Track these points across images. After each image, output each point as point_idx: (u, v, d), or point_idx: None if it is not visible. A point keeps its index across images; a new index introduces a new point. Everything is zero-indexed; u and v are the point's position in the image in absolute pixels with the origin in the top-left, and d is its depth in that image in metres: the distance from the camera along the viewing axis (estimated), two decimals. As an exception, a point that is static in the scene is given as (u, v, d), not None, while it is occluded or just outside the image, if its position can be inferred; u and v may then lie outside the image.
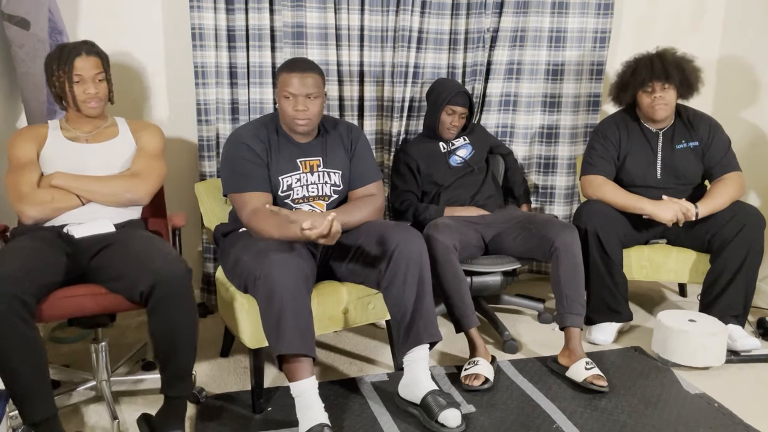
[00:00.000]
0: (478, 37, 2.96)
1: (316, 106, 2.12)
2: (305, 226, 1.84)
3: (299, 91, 2.08)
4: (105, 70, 2.14)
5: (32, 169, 2.07)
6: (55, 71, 2.08)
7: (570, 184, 3.17)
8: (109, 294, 1.89)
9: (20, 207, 2.00)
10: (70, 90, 2.08)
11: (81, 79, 2.08)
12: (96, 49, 2.13)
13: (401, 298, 2.05)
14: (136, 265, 1.84)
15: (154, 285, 1.78)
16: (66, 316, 1.89)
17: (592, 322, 2.62)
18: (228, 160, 2.17)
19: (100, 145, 2.17)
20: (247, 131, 2.19)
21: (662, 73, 2.50)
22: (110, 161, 2.16)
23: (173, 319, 1.82)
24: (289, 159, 2.18)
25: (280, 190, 2.17)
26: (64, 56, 2.07)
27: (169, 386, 1.89)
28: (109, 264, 1.91)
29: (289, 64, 2.13)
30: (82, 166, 2.11)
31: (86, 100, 2.10)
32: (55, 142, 2.13)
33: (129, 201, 2.13)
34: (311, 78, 2.09)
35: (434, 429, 1.97)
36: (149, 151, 2.23)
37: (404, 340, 2.07)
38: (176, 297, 1.81)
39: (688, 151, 2.63)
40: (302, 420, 1.87)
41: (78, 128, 2.17)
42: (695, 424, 2.05)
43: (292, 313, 1.85)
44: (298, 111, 2.10)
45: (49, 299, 1.81)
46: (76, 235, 2.00)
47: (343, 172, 2.26)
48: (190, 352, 1.89)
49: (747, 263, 2.44)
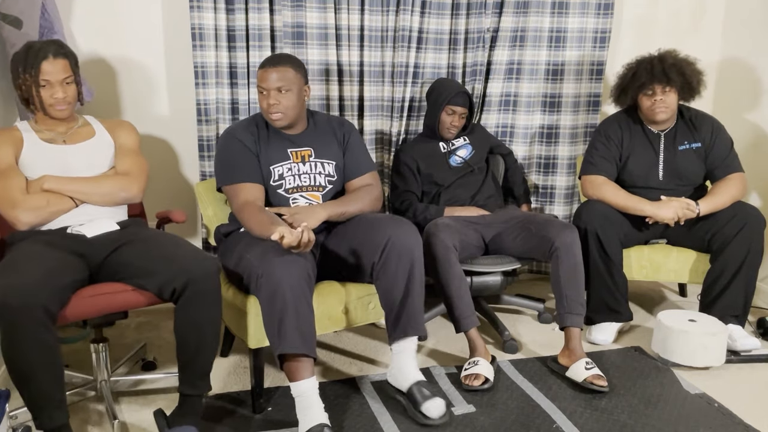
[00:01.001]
0: (478, 37, 2.96)
1: (287, 99, 2.16)
2: (274, 237, 1.86)
3: (268, 85, 2.14)
4: (74, 72, 2.07)
5: (17, 174, 2.01)
6: (21, 74, 2.00)
7: (570, 184, 3.17)
8: (135, 291, 1.90)
9: (14, 213, 1.95)
10: (37, 94, 2.01)
11: (48, 83, 2.00)
12: (64, 50, 2.04)
13: (390, 290, 2.09)
14: (167, 262, 1.86)
15: (188, 282, 1.81)
16: (93, 314, 1.89)
17: (592, 322, 2.62)
18: (220, 155, 2.23)
19: (80, 146, 2.13)
20: (238, 126, 2.26)
21: (662, 77, 2.49)
22: (94, 161, 2.13)
23: (202, 316, 1.85)
24: (279, 149, 2.22)
25: (271, 179, 2.20)
26: (30, 59, 1.98)
27: (189, 384, 1.91)
28: (131, 262, 1.92)
29: (264, 61, 2.20)
30: (66, 168, 2.07)
31: (54, 104, 2.04)
32: (33, 145, 2.07)
33: (124, 199, 2.13)
34: (279, 72, 2.14)
35: (417, 419, 2.02)
36: (130, 148, 2.22)
37: (392, 329, 2.12)
38: (207, 295, 1.84)
39: (690, 153, 2.63)
40: (302, 420, 1.88)
41: (51, 129, 2.11)
42: (695, 424, 2.05)
43: (294, 313, 1.85)
44: (270, 105, 2.15)
45: (74, 299, 1.81)
46: (88, 235, 1.99)
47: (336, 163, 2.29)
48: (212, 351, 1.92)
49: (747, 263, 2.44)
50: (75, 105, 2.13)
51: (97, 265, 1.96)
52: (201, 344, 1.88)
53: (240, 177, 2.16)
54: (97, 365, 2.11)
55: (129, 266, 1.92)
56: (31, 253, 1.84)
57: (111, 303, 1.89)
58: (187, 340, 1.88)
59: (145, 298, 1.91)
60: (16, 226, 1.98)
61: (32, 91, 2.01)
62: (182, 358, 1.90)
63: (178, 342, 1.89)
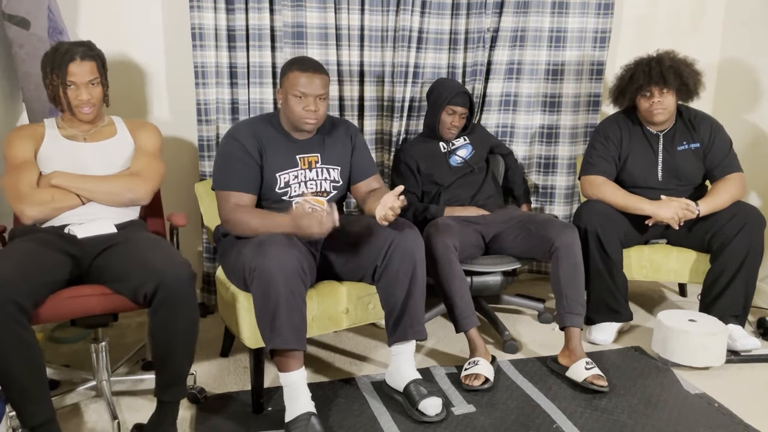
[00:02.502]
0: (478, 37, 2.96)
1: (324, 107, 2.15)
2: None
3: (311, 91, 2.09)
4: (101, 74, 2.10)
5: (31, 169, 2.04)
6: (49, 74, 2.04)
7: (570, 184, 3.17)
8: (113, 294, 1.89)
9: (20, 207, 1.98)
10: (64, 94, 2.04)
11: (74, 84, 2.04)
12: (92, 52, 2.07)
13: (392, 293, 2.09)
14: (140, 266, 1.84)
15: (158, 287, 1.79)
16: (71, 316, 1.89)
17: (592, 322, 2.62)
18: (220, 156, 2.19)
19: (99, 144, 2.15)
20: (243, 127, 2.20)
21: (659, 79, 2.49)
22: (111, 160, 2.14)
23: (174, 322, 1.82)
24: (286, 155, 2.19)
25: (277, 186, 2.18)
26: (57, 59, 2.01)
27: (163, 390, 1.89)
28: (112, 264, 1.91)
29: (300, 63, 2.13)
30: (82, 166, 2.09)
31: (79, 105, 2.06)
32: (53, 140, 2.10)
33: (130, 200, 2.12)
34: (323, 79, 2.12)
35: (415, 417, 2.04)
36: (148, 150, 2.22)
37: (392, 332, 2.13)
38: (178, 300, 1.81)
39: (689, 153, 2.63)
40: (290, 408, 1.94)
41: (75, 127, 2.14)
42: (695, 424, 2.05)
43: (286, 309, 1.87)
44: (309, 111, 2.11)
45: (52, 300, 1.81)
46: (79, 235, 2.00)
47: (342, 168, 2.28)
48: (186, 357, 1.89)
49: (747, 263, 2.44)
50: (101, 106, 2.14)
51: (86, 267, 1.96)
52: (173, 350, 1.85)
53: (233, 185, 2.12)
54: (97, 365, 2.11)
55: (109, 270, 1.91)
56: (19, 249, 1.85)
57: (87, 306, 1.87)
58: (159, 345, 1.85)
59: (123, 302, 1.88)
60: (22, 219, 2.01)
61: (59, 91, 2.04)
62: (156, 364, 1.89)
63: (151, 347, 1.88)
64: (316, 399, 2.06)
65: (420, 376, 2.12)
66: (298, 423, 1.89)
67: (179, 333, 1.84)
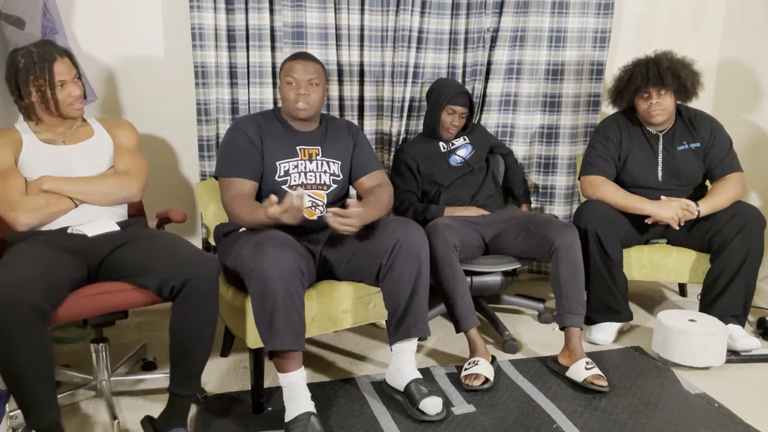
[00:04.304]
0: (478, 37, 2.96)
1: (317, 93, 2.21)
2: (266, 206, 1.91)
3: (301, 76, 2.18)
4: (77, 68, 2.10)
5: (16, 176, 2.01)
6: (33, 81, 1.99)
7: (570, 184, 3.17)
8: (136, 289, 1.89)
9: (13, 215, 1.95)
10: (53, 96, 2.02)
11: (63, 82, 2.02)
12: (63, 49, 2.07)
13: (396, 292, 2.10)
14: (166, 260, 1.86)
15: (186, 280, 1.80)
16: (93, 314, 1.89)
17: (592, 322, 2.62)
18: (223, 145, 2.26)
19: (80, 146, 2.13)
20: (246, 118, 2.29)
21: (657, 80, 2.49)
22: (95, 161, 2.14)
23: (197, 315, 1.84)
24: (287, 145, 2.24)
25: (276, 174, 2.21)
26: (39, 63, 1.98)
27: (179, 384, 1.89)
28: (133, 259, 1.91)
29: (293, 55, 2.25)
30: (67, 168, 2.07)
31: (72, 102, 2.06)
32: (32, 146, 2.07)
33: (123, 198, 2.13)
34: (312, 66, 2.21)
35: (415, 416, 2.04)
36: (129, 148, 2.22)
37: (395, 330, 2.14)
38: (204, 294, 1.83)
39: (689, 153, 2.63)
40: (289, 407, 1.94)
41: (51, 130, 2.11)
42: (695, 424, 2.05)
43: (284, 310, 1.88)
44: (300, 95, 2.18)
45: (72, 298, 1.80)
46: (89, 234, 1.99)
47: (342, 163, 2.31)
48: (205, 352, 1.90)
49: (747, 263, 2.44)
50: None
51: (96, 265, 1.96)
52: (194, 344, 1.87)
53: (236, 171, 2.18)
54: (97, 365, 2.11)
55: (130, 264, 1.91)
56: (28, 252, 1.83)
57: (111, 302, 1.89)
58: (181, 339, 1.86)
59: (146, 297, 1.90)
60: (16, 227, 1.98)
61: (48, 94, 2.01)
62: (174, 357, 1.89)
63: (171, 340, 1.88)
64: (316, 399, 2.06)
65: (421, 375, 2.13)
66: (297, 423, 1.90)
67: (201, 326, 1.85)
